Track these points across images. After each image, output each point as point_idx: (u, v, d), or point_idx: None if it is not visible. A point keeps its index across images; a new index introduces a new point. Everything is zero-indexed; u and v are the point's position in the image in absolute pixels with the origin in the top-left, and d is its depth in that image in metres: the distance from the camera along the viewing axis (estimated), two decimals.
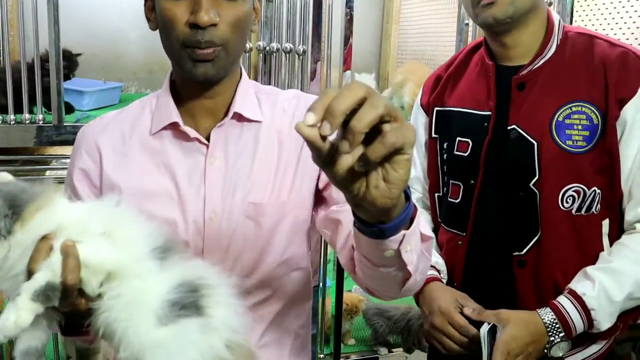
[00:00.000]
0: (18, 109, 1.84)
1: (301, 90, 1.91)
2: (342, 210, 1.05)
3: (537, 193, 1.31)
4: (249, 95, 1.14)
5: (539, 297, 1.34)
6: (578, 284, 1.28)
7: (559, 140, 1.30)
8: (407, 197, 0.76)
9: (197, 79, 1.04)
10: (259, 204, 1.10)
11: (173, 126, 1.10)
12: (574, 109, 1.30)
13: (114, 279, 0.81)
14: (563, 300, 1.28)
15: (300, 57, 1.93)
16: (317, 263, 2.01)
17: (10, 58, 1.87)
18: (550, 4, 1.98)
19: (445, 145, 1.47)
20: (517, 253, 1.35)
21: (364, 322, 2.40)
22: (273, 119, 1.14)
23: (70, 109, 2.01)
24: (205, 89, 1.09)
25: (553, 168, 1.30)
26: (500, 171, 1.36)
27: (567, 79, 1.32)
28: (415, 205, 0.79)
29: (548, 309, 1.29)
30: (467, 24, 2.27)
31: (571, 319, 1.26)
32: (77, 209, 0.85)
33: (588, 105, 1.29)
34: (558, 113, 1.30)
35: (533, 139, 1.31)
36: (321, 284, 2.18)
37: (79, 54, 2.14)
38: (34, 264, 0.79)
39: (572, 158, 1.29)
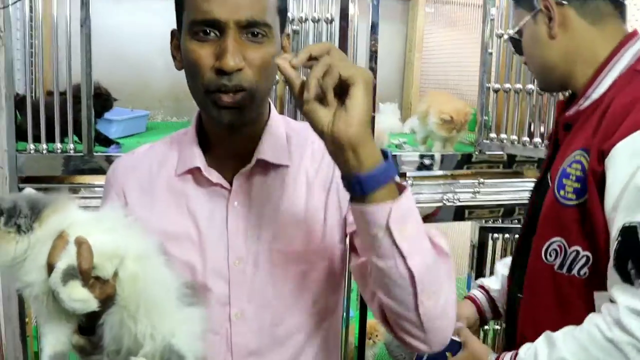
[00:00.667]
0: (51, 139, 1.88)
1: None
2: None
3: None
4: (277, 137, 1.10)
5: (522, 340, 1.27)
6: (526, 345, 1.20)
7: (556, 189, 1.23)
8: (386, 156, 0.86)
9: (222, 125, 1.01)
10: (286, 251, 1.07)
11: (196, 170, 1.08)
12: (576, 157, 1.21)
13: (127, 263, 0.90)
14: (506, 356, 1.22)
15: None
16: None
17: (44, 88, 1.92)
18: None
19: None
20: (519, 295, 1.34)
21: (386, 354, 2.39)
22: (301, 162, 1.11)
23: (106, 140, 2.06)
24: (230, 134, 1.05)
25: (546, 217, 1.26)
26: (533, 213, 1.34)
27: (593, 123, 1.21)
28: (399, 178, 0.87)
29: (493, 355, 1.27)
30: (490, 54, 2.28)
31: None
32: (87, 213, 0.95)
33: (585, 154, 1.18)
34: (567, 160, 1.23)
35: (550, 184, 1.28)
36: (344, 314, 2.18)
37: (116, 99, 2.20)
38: (53, 257, 0.86)
39: (561, 210, 1.22)
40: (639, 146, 1.08)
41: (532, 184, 1.45)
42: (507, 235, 2.39)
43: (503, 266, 1.57)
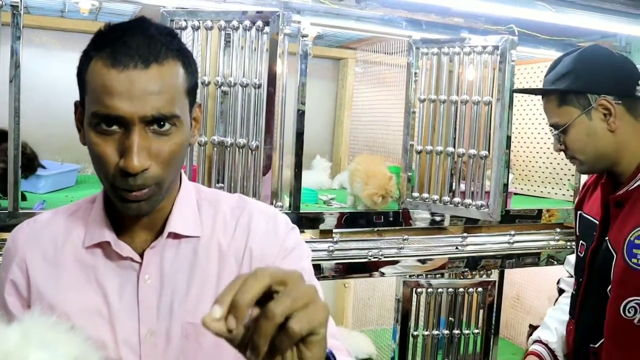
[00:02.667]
0: None
1: (254, 184, 1.97)
2: None
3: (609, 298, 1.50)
4: (188, 208, 1.07)
5: None
6: None
7: (626, 257, 1.46)
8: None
9: (129, 215, 0.98)
10: (198, 324, 0.94)
11: (105, 244, 1.04)
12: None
13: None
14: None
15: (254, 152, 1.97)
16: None
17: None
18: None
19: (577, 245, 1.72)
20: (592, 345, 1.56)
21: None
22: (213, 232, 1.08)
23: (24, 197, 2.02)
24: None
25: (619, 280, 1.48)
26: (595, 273, 1.58)
27: None
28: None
29: None
30: (414, 112, 2.38)
31: None
32: (13, 331, 0.88)
33: None
34: (632, 233, 1.47)
35: (614, 251, 1.50)
36: None
37: (42, 166, 2.18)
38: None
39: (634, 274, 1.45)
40: None
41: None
42: (429, 289, 2.46)
43: (555, 320, 1.83)
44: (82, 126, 0.99)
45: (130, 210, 0.96)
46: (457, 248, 2.50)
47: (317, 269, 2.15)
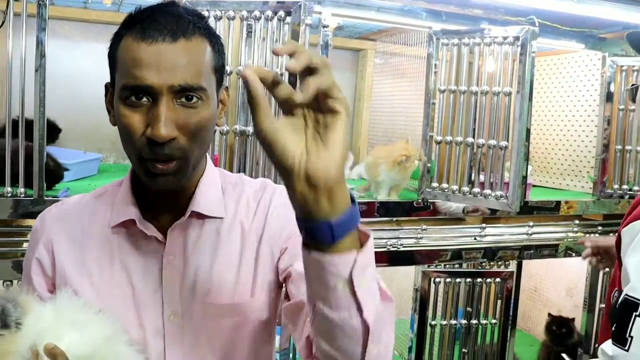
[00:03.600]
0: (1, 183, 1.89)
1: (275, 173, 1.98)
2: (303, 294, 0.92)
3: None
4: (212, 189, 1.09)
5: None
6: None
7: None
8: (352, 200, 0.74)
9: (156, 189, 0.99)
10: (221, 304, 1.05)
11: (130, 222, 1.05)
12: None
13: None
14: None
15: None
16: None
17: None
18: None
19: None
20: None
21: None
22: (236, 214, 1.09)
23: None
24: (165, 192, 1.02)
25: None
26: None
27: None
28: (360, 224, 0.77)
29: None
30: (434, 104, 2.39)
31: None
32: (46, 309, 0.93)
33: None
34: None
35: None
36: (291, 354, 2.22)
37: (66, 169, 2.20)
38: None
39: None
40: None
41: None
42: (448, 279, 2.47)
43: None
44: (112, 107, 1.01)
45: (157, 184, 0.97)
46: (475, 238, 2.51)
47: None
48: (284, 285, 1.08)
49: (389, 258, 2.36)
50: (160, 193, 1.03)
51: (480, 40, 2.27)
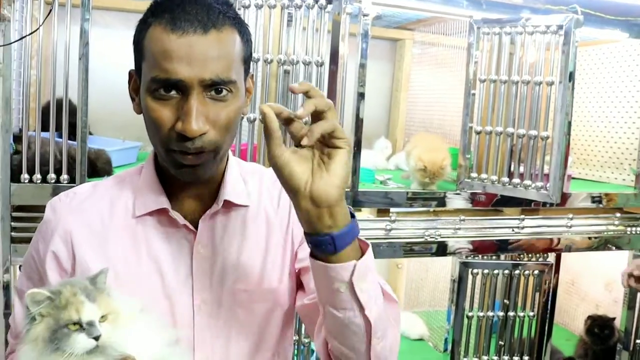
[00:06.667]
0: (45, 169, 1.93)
1: None
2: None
3: None
4: (236, 178, 1.09)
5: None
6: None
7: None
8: (352, 215, 0.88)
9: (183, 180, 0.99)
10: (250, 290, 1.06)
11: (160, 212, 1.03)
12: None
13: None
14: None
15: None
16: None
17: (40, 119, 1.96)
18: None
19: None
20: None
21: None
22: (260, 201, 1.10)
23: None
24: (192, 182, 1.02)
25: None
26: None
27: None
28: (360, 237, 0.91)
29: None
30: (473, 94, 2.36)
31: None
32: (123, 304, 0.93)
33: None
34: None
35: None
36: None
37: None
38: None
39: None
40: None
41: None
42: (486, 270, 2.45)
43: None
44: (137, 95, 1.01)
45: (185, 176, 0.97)
46: (513, 230, 2.48)
47: (374, 248, 2.16)
48: (300, 275, 1.12)
49: (426, 248, 2.35)
50: (187, 184, 1.03)
51: (522, 29, 2.24)
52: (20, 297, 1.08)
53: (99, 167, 2.06)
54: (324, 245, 0.86)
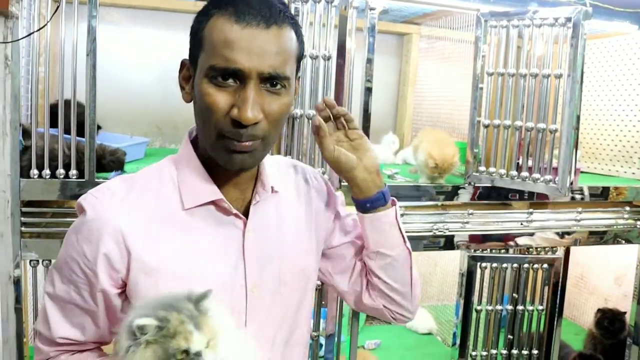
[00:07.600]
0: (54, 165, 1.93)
1: (322, 156, 1.99)
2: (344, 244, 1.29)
3: None
4: (272, 167, 1.16)
5: None
6: None
7: None
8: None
9: (231, 168, 1.01)
10: (293, 270, 1.14)
11: (209, 202, 1.05)
12: None
13: None
14: None
15: None
16: None
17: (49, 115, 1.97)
18: None
19: None
20: None
21: None
22: (286, 188, 1.18)
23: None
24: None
25: None
26: None
27: None
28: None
29: None
30: (481, 88, 2.35)
31: None
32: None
33: None
34: None
35: None
36: (336, 339, 2.23)
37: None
38: None
39: None
40: None
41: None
42: (494, 264, 2.45)
43: None
44: (187, 84, 1.04)
45: (234, 162, 0.99)
46: (522, 224, 2.47)
47: None
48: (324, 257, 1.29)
49: (434, 242, 2.35)
50: (230, 171, 1.04)
51: (530, 22, 2.23)
52: (55, 301, 1.06)
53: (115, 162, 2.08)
54: (379, 200, 1.17)
